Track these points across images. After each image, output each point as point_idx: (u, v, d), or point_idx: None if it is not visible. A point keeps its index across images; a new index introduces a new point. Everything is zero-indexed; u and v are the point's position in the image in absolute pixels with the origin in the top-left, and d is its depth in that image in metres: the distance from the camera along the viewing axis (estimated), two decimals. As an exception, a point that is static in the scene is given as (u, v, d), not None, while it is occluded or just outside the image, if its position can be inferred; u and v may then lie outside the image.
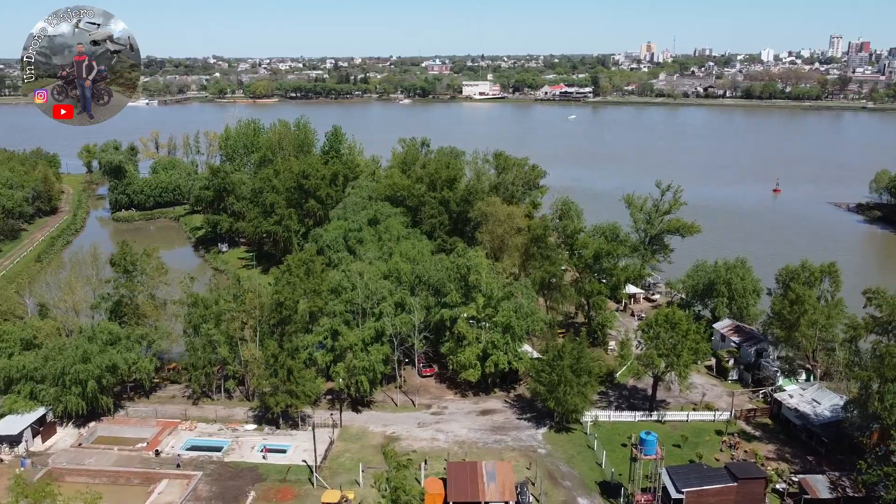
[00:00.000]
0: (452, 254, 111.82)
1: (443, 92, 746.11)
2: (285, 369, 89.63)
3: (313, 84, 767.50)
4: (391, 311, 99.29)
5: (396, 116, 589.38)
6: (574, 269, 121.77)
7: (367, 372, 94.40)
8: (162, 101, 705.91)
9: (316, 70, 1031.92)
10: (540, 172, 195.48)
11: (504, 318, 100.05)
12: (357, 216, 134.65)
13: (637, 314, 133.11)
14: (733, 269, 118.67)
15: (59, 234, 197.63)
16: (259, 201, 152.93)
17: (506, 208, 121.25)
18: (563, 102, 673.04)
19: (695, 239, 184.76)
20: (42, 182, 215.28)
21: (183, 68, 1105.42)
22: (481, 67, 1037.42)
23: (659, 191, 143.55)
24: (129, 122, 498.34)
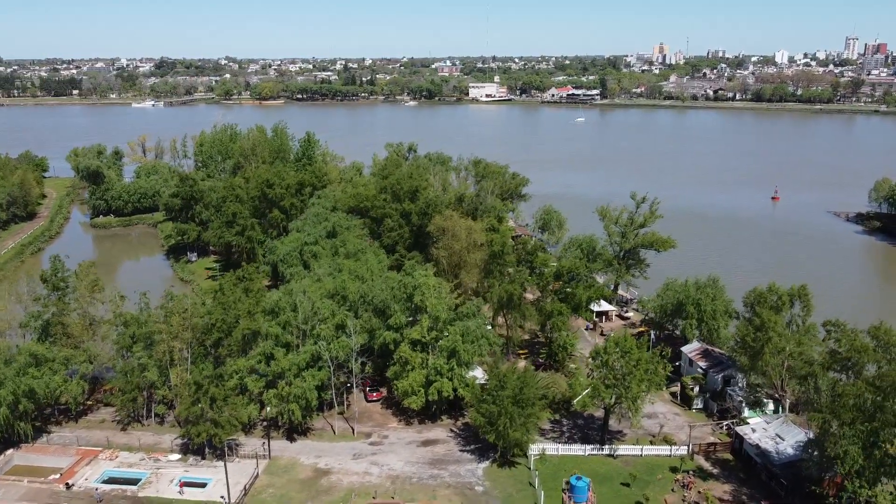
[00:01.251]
0: (402, 271, 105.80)
1: (449, 94, 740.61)
2: (208, 397, 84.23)
3: (319, 86, 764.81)
4: (330, 334, 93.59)
5: (399, 118, 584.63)
6: (535, 288, 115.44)
7: (300, 400, 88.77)
8: (168, 103, 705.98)
9: (325, 71, 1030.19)
10: (522, 181, 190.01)
11: (449, 342, 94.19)
12: (315, 228, 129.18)
13: (607, 334, 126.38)
14: (704, 289, 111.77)
15: (31, 240, 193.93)
16: (222, 210, 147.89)
17: (464, 222, 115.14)
18: (570, 105, 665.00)
19: (681, 251, 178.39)
20: (18, 187, 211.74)
21: (194, 69, 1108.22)
22: (491, 69, 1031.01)
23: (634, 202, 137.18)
24: (131, 123, 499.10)
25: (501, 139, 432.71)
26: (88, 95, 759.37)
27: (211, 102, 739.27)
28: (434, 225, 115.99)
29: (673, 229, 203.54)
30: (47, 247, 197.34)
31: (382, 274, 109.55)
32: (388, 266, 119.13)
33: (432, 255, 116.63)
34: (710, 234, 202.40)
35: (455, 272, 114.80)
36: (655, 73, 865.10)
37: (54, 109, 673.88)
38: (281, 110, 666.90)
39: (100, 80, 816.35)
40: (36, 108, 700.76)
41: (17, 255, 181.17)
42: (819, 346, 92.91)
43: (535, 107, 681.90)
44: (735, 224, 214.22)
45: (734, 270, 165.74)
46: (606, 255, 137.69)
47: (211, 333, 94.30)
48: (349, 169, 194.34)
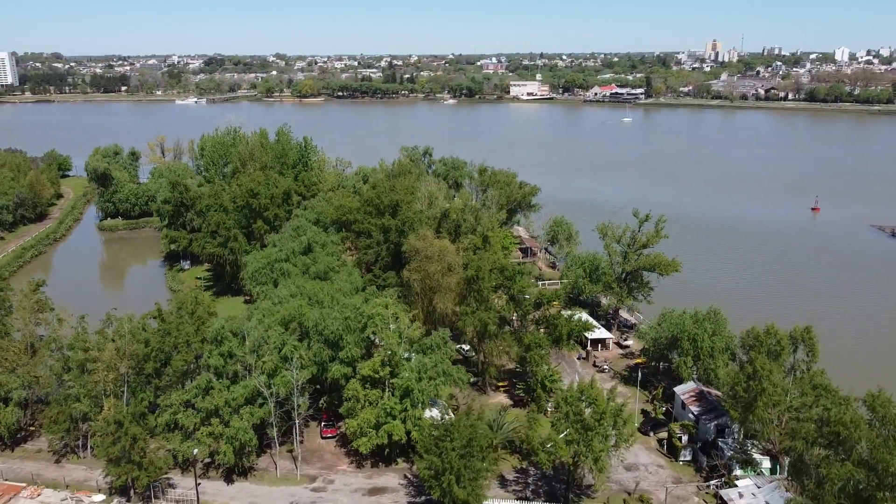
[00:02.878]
0: (365, 296, 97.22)
1: (490, 92, 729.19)
2: (129, 437, 77.24)
3: (360, 83, 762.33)
4: (271, 368, 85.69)
5: (434, 117, 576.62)
6: (515, 317, 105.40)
7: (233, 440, 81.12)
8: (210, 100, 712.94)
9: (370, 68, 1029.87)
10: (531, 190, 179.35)
11: (403, 381, 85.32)
12: (291, 243, 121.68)
13: (600, 365, 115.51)
14: (702, 323, 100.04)
15: (34, 243, 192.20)
16: (206, 219, 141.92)
17: (438, 243, 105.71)
18: (614, 104, 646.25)
19: (701, 270, 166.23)
20: (28, 188, 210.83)
21: (242, 66, 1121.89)
22: (537, 66, 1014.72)
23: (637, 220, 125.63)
24: (169, 121, 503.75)
25: (536, 140, 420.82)
26: (135, 92, 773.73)
27: (253, 100, 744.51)
28: (408, 244, 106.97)
29: (697, 245, 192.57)
30: (50, 250, 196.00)
31: (349, 297, 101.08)
32: (361, 287, 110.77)
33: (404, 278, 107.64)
34: (737, 249, 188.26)
35: (429, 297, 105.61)
36: (706, 70, 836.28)
37: (101, 106, 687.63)
38: (319, 108, 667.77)
39: (147, 76, 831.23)
40: (84, 104, 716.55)
41: (16, 258, 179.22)
42: (820, 397, 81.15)
43: (576, 106, 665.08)
44: (766, 238, 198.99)
45: (754, 292, 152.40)
46: (607, 277, 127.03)
47: (147, 363, 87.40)
48: (352, 176, 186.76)
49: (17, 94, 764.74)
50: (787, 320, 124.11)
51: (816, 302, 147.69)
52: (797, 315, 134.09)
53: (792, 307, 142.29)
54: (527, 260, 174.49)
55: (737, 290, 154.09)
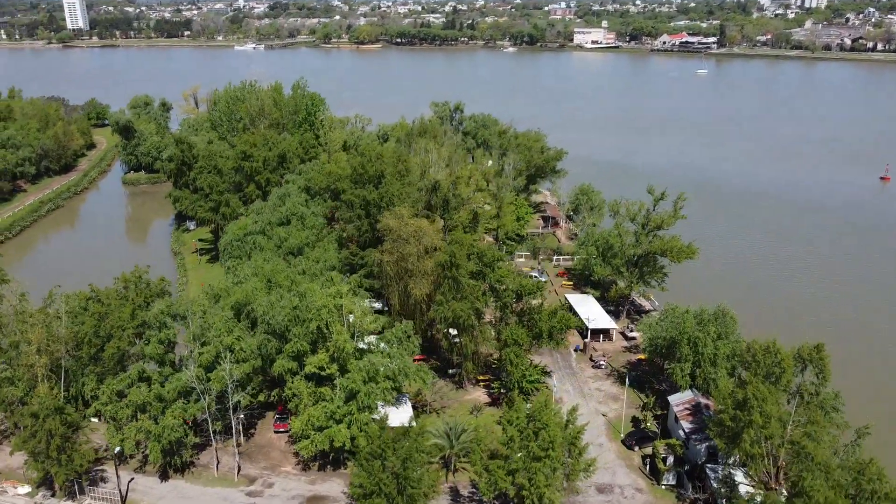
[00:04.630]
0: (323, 284, 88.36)
1: (552, 39, 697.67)
2: (45, 431, 71.79)
3: (418, 30, 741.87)
4: (209, 360, 78.55)
5: (490, 65, 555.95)
6: (494, 308, 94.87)
7: (160, 438, 74.80)
8: (268, 46, 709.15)
9: (434, 14, 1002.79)
10: (556, 154, 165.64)
11: (348, 382, 76.91)
12: (272, 213, 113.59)
13: (597, 360, 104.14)
14: (706, 325, 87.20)
15: (53, 196, 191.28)
16: (197, 181, 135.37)
17: (414, 223, 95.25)
18: (683, 54, 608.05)
19: (729, 254, 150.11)
20: (53, 139, 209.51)
21: (306, 11, 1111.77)
22: (607, 12, 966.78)
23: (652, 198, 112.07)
24: (221, 67, 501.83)
25: (590, 93, 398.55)
26: (197, 37, 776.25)
27: (311, 46, 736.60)
28: (382, 223, 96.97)
29: (736, 220, 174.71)
30: (69, 204, 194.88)
31: (315, 280, 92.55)
32: (334, 266, 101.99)
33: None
34: (783, 227, 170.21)
35: (405, 281, 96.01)
36: (790, 17, 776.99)
37: (162, 51, 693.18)
38: (374, 55, 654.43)
39: (209, 21, 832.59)
40: (147, 49, 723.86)
41: (31, 211, 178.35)
42: (832, 427, 68.68)
43: (643, 55, 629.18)
44: (825, 212, 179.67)
45: (790, 285, 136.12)
46: (617, 259, 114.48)
47: (82, 348, 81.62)
48: (368, 135, 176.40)
49: (85, 39, 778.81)
50: (822, 327, 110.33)
51: (867, 297, 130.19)
52: (839, 319, 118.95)
53: (834, 305, 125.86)
54: (547, 230, 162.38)
55: (768, 280, 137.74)
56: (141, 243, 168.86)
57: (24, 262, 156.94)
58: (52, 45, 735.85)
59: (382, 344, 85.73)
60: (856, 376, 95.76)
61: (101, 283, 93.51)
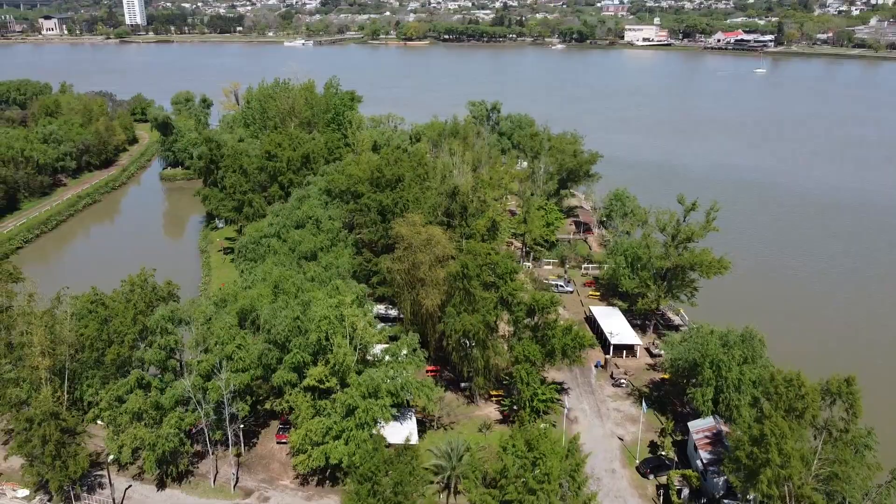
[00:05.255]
0: (328, 292, 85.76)
1: (602, 37, 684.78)
2: (39, 437, 71.09)
3: (466, 26, 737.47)
4: (207, 369, 76.89)
5: (537, 63, 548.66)
6: (508, 323, 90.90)
7: (154, 447, 73.40)
8: (317, 42, 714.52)
9: (484, 10, 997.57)
10: (591, 158, 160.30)
11: (345, 397, 74.23)
12: (289, 216, 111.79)
13: (617, 378, 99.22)
14: (732, 347, 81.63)
15: (91, 191, 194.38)
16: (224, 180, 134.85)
17: (427, 230, 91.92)
18: (738, 52, 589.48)
19: (768, 267, 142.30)
20: (95, 135, 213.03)
21: (357, 7, 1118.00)
22: (661, 9, 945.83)
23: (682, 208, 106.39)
24: (267, 63, 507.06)
25: (638, 92, 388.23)
26: (248, 33, 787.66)
27: (359, 42, 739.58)
28: (394, 230, 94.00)
29: (784, 231, 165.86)
30: (106, 198, 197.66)
31: (322, 287, 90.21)
32: (348, 272, 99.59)
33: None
34: (843, 235, 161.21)
35: (417, 291, 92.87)
36: (853, 14, 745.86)
37: (214, 47, 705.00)
38: (420, 52, 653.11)
39: (261, 17, 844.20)
40: (200, 45, 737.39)
41: (68, 206, 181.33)
42: (863, 467, 62.98)
43: (696, 53, 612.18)
44: (883, 222, 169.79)
45: (833, 309, 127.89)
46: (644, 272, 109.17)
47: (84, 351, 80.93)
48: (400, 135, 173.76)
49: (141, 35, 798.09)
50: (862, 355, 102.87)
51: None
52: (881, 346, 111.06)
53: (879, 332, 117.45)
54: (579, 236, 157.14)
55: (811, 298, 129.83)
56: (172, 240, 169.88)
57: (55, 257, 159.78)
58: (109, 40, 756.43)
59: (387, 356, 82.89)
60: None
61: (118, 282, 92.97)
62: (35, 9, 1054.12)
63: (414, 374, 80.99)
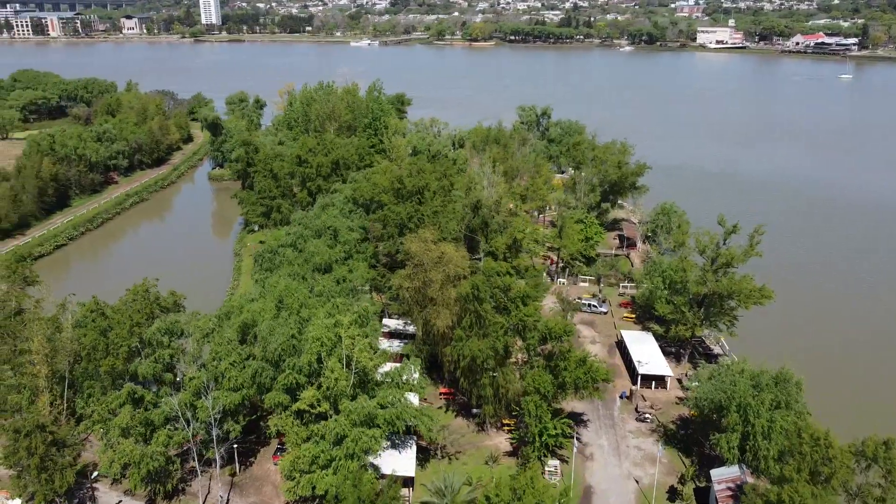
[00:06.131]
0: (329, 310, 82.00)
1: (673, 39, 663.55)
2: (24, 449, 69.95)
3: (532, 27, 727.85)
4: (196, 388, 74.38)
5: (601, 66, 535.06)
6: (521, 350, 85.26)
7: (139, 466, 71.27)
8: (383, 43, 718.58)
9: (553, 10, 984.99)
10: (638, 169, 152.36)
11: (336, 425, 70.32)
12: (310, 224, 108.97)
13: (642, 412, 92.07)
14: (763, 390, 73.76)
15: (140, 189, 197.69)
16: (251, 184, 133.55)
17: (438, 248, 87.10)
18: (818, 56, 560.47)
19: (838, 289, 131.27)
20: (148, 134, 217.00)
21: (426, 7, 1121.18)
22: (738, 10, 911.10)
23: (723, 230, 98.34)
24: (330, 63, 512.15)
25: (704, 97, 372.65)
26: (317, 33, 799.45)
27: (424, 42, 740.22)
28: (404, 247, 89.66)
29: (865, 259, 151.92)
30: (155, 196, 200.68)
31: (327, 302, 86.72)
32: (361, 286, 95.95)
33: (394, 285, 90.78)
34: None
35: (427, 310, 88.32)
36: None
37: (283, 46, 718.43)
38: (487, 53, 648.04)
39: (329, 17, 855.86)
40: (270, 44, 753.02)
41: (116, 204, 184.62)
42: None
43: (772, 56, 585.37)
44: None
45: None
46: (680, 298, 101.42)
47: (82, 361, 79.78)
48: (440, 141, 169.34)
49: (215, 34, 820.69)
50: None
51: None
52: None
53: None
54: (621, 252, 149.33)
55: (870, 339, 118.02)
56: (213, 241, 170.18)
57: (92, 256, 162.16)
58: (184, 39, 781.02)
59: (388, 380, 78.66)
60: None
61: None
62: (120, 8, 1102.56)
63: (420, 394, 76.45)
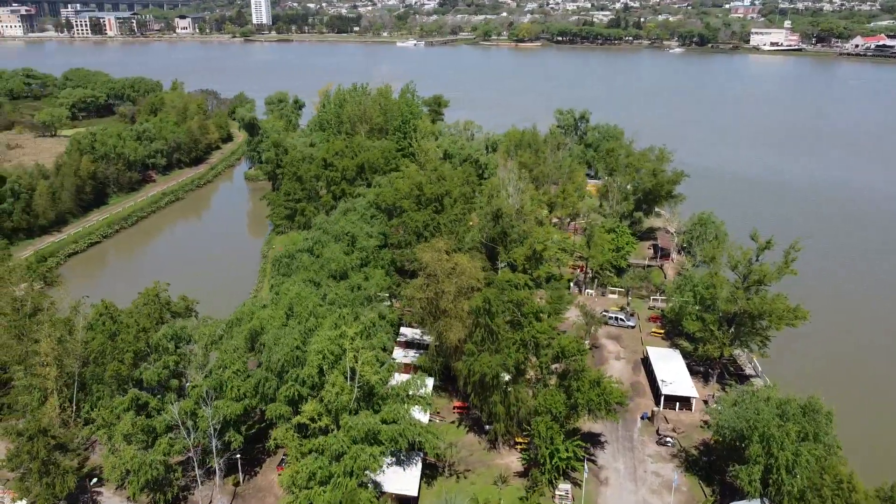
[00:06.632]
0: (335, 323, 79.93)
1: (725, 40, 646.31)
2: (24, 454, 69.83)
3: (580, 28, 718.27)
4: (196, 397, 73.26)
5: (647, 68, 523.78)
6: (534, 367, 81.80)
7: (137, 474, 70.44)
8: (429, 43, 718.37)
9: (603, 11, 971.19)
10: (674, 177, 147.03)
11: (334, 441, 68.29)
12: (329, 229, 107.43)
13: (663, 435, 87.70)
14: (789, 420, 68.90)
15: (176, 188, 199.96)
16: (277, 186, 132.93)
17: (452, 258, 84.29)
18: (879, 59, 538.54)
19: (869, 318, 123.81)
20: (187, 133, 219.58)
21: (474, 7, 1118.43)
22: (796, 10, 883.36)
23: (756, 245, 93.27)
24: (379, 62, 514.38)
25: (756, 102, 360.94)
26: (364, 33, 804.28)
27: (470, 43, 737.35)
28: (417, 256, 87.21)
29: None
30: (191, 195, 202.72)
31: (336, 312, 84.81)
32: (381, 292, 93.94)
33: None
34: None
35: (439, 322, 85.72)
36: None
37: (330, 46, 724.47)
38: (533, 53, 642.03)
39: (377, 17, 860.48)
40: (317, 44, 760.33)
41: (151, 203, 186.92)
42: None
43: (830, 59, 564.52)
44: None
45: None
46: (710, 316, 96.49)
47: (89, 365, 79.58)
48: (473, 145, 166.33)
49: (264, 34, 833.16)
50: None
51: None
52: None
53: None
54: (655, 262, 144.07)
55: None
56: (245, 241, 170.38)
57: (129, 253, 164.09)
58: (235, 39, 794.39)
59: (395, 394, 76.33)
60: None
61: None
62: (176, 8, 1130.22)
63: (426, 410, 73.98)
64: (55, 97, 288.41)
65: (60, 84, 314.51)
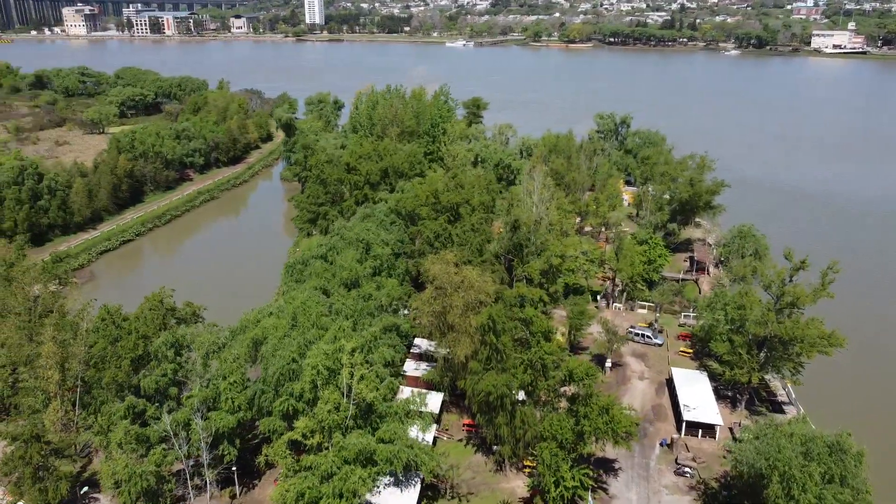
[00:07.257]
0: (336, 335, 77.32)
1: (784, 43, 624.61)
2: (18, 459, 69.33)
3: (633, 29, 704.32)
4: (192, 406, 71.64)
5: (700, 72, 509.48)
6: (544, 389, 77.60)
7: (130, 483, 69.18)
8: (478, 43, 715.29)
9: (658, 12, 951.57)
10: (713, 187, 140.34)
11: (324, 461, 65.66)
12: (346, 235, 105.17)
13: (682, 464, 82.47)
14: (816, 460, 63.28)
15: (212, 187, 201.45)
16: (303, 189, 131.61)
17: (460, 273, 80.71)
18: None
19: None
20: (226, 132, 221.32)
21: (527, 7, 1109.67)
22: (862, 12, 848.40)
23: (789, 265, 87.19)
24: (427, 62, 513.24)
25: (815, 108, 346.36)
26: (414, 33, 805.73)
27: (520, 43, 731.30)
28: (424, 269, 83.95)
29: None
30: (225, 195, 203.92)
31: (340, 323, 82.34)
32: (394, 298, 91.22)
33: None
34: None
35: (447, 337, 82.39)
36: None
37: (380, 46, 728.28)
38: (583, 55, 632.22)
39: (427, 17, 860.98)
40: (368, 44, 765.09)
41: (186, 202, 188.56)
42: None
43: (894, 63, 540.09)
44: None
45: None
46: (739, 338, 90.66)
47: (90, 369, 78.90)
48: (504, 150, 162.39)
49: (316, 34, 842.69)
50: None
51: None
52: None
53: None
54: (691, 276, 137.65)
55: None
56: (275, 242, 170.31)
57: (160, 252, 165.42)
58: (287, 38, 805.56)
59: (393, 412, 73.39)
60: None
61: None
62: (233, 8, 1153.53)
63: (423, 430, 70.83)
64: (105, 95, 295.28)
65: (112, 82, 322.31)
